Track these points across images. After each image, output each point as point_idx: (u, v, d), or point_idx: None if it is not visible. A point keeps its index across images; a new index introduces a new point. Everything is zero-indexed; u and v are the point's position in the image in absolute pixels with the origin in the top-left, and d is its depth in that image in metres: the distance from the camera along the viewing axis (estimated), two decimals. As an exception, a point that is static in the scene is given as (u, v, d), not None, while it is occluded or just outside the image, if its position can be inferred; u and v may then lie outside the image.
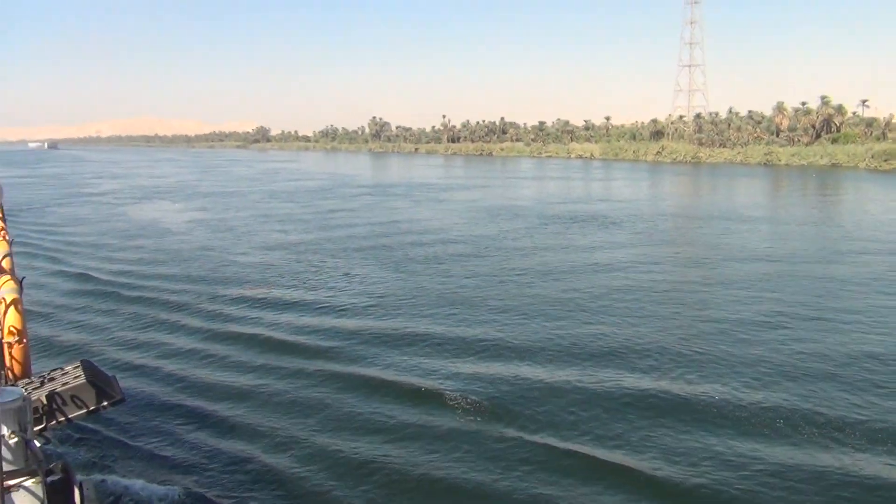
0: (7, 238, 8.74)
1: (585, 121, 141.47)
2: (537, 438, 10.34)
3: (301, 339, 15.27)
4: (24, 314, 6.60)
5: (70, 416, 6.49)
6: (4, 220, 9.81)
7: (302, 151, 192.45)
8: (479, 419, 11.01)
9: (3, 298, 6.47)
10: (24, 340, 6.63)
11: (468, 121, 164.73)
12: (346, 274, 22.32)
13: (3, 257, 7.73)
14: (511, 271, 22.49)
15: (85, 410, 6.65)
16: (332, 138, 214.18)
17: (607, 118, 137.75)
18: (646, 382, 12.38)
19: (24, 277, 7.40)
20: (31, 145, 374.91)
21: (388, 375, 12.92)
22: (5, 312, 4.42)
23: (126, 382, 10.33)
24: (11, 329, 4.37)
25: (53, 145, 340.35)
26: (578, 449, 9.99)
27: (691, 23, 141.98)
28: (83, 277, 22.52)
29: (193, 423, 11.19)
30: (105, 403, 6.84)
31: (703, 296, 19.01)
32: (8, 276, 6.83)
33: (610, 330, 15.62)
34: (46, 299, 19.39)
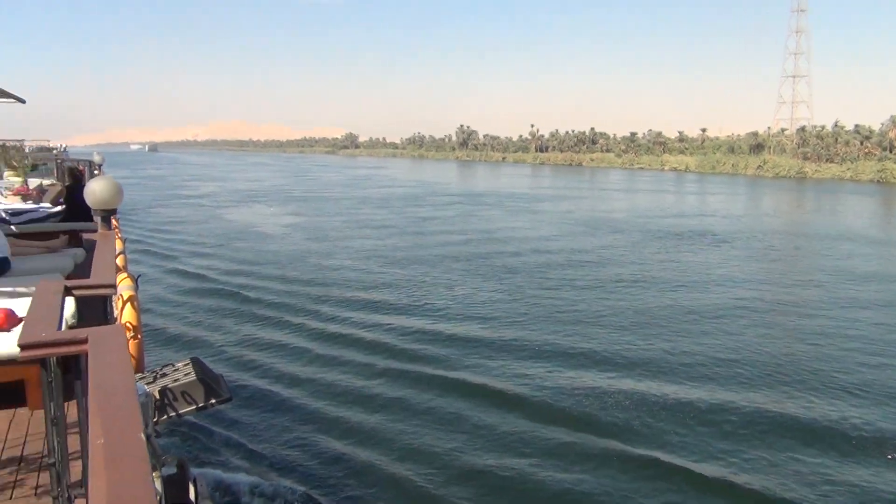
0: (121, 237, 8.84)
1: (679, 132, 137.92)
2: (643, 452, 10.20)
3: (399, 342, 15.45)
4: (140, 311, 6.56)
5: (180, 411, 6.54)
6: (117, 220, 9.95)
7: (389, 158, 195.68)
8: (579, 430, 10.97)
9: (121, 295, 6.44)
10: (139, 336, 6.60)
11: (556, 130, 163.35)
12: (444, 282, 22.22)
13: (118, 255, 7.81)
14: (613, 284, 21.92)
15: (194, 407, 6.84)
16: (419, 146, 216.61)
17: (703, 130, 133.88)
18: (757, 400, 12.09)
19: (139, 275, 7.35)
20: (133, 147, 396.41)
21: (488, 381, 12.97)
22: (122, 309, 4.28)
23: (229, 379, 10.48)
24: (128, 325, 4.27)
25: (154, 148, 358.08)
26: (692, 467, 9.76)
27: (797, 32, 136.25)
28: (188, 276, 23.29)
29: (296, 421, 11.41)
30: (213, 401, 6.94)
31: (821, 318, 18.03)
32: (125, 274, 6.82)
33: (720, 347, 15.14)
34: (154, 296, 19.83)
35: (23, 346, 2.24)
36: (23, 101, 9.89)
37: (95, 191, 4.78)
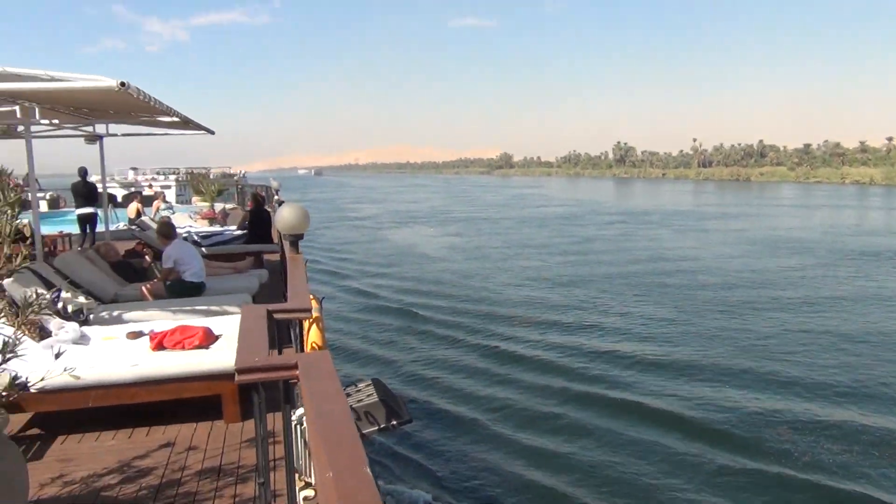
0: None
1: (861, 142, 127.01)
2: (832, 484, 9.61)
3: (571, 362, 15.21)
4: (325, 331, 6.79)
5: (364, 431, 6.60)
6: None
7: (544, 177, 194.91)
8: (758, 458, 10.49)
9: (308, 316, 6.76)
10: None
11: (721, 144, 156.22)
12: (613, 303, 21.52)
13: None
14: (804, 307, 20.25)
15: (376, 428, 6.82)
16: (574, 164, 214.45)
17: (889, 139, 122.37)
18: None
19: (323, 297, 7.70)
20: (300, 172, 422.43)
21: (663, 405, 12.59)
22: (309, 329, 4.46)
23: (406, 399, 10.73)
24: (314, 345, 4.46)
25: (319, 172, 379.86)
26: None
27: None
28: (358, 295, 23.96)
29: (472, 442, 11.38)
30: (395, 423, 6.94)
31: None
32: (311, 295, 7.10)
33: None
34: (327, 314, 20.55)
35: (239, 371, 2.33)
36: (212, 133, 10.67)
37: (285, 217, 5.03)
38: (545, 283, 25.27)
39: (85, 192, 15.02)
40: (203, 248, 11.74)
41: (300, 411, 3.00)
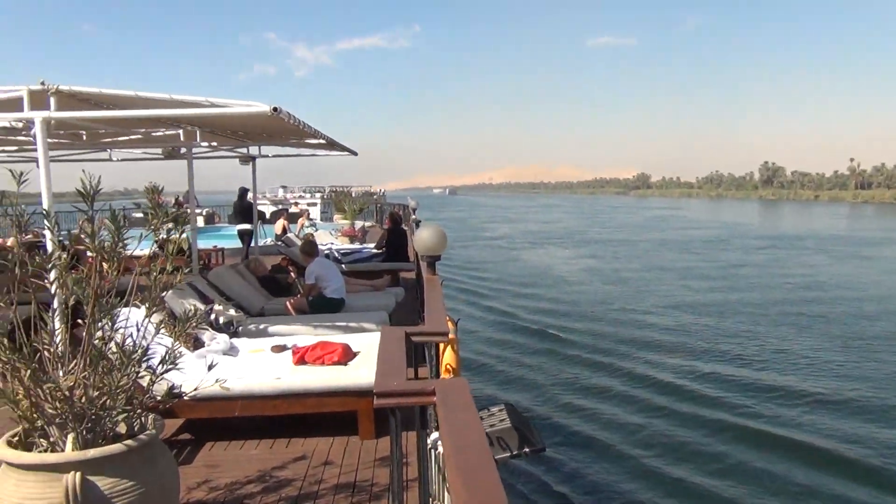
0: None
1: None
2: None
3: (721, 393, 14.50)
4: (459, 353, 6.78)
5: (495, 458, 6.46)
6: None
7: (684, 198, 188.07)
8: None
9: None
10: (449, 378, 6.81)
11: (882, 164, 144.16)
12: (769, 336, 20.06)
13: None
14: None
15: (508, 454, 6.66)
16: (716, 185, 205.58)
17: None
18: None
19: (459, 318, 7.71)
20: (435, 191, 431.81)
21: (832, 446, 11.74)
22: (443, 351, 4.45)
23: (540, 425, 10.48)
24: (448, 367, 4.47)
25: (453, 191, 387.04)
26: None
27: None
28: (490, 317, 23.80)
29: (610, 473, 11.01)
30: (527, 450, 6.75)
31: None
32: (447, 317, 7.13)
33: None
34: (462, 335, 20.36)
35: (378, 395, 2.34)
36: (355, 154, 11.02)
37: (423, 238, 5.08)
38: (690, 311, 24.00)
39: (244, 210, 16.22)
40: (343, 265, 12.15)
41: (435, 435, 2.99)
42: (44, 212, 4.53)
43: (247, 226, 16.11)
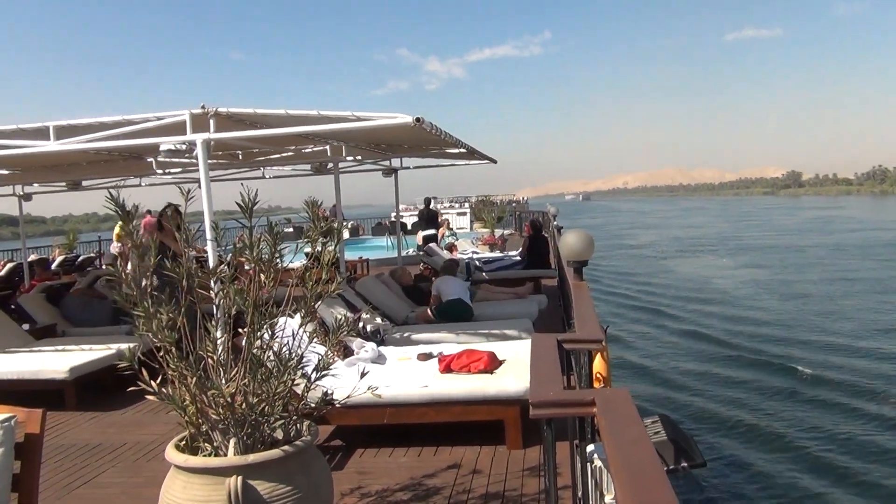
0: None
1: None
2: None
3: None
4: (609, 362, 6.56)
5: None
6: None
7: (843, 196, 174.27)
8: None
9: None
10: (608, 388, 6.64)
11: None
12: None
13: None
14: None
15: (665, 469, 6.26)
16: (880, 180, 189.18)
17: None
18: None
19: (608, 325, 7.41)
20: (568, 197, 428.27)
21: None
22: (593, 359, 4.27)
23: (699, 441, 9.75)
24: (598, 376, 4.29)
25: (587, 197, 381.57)
26: None
27: None
28: (640, 326, 22.91)
29: (779, 497, 10.19)
30: (685, 465, 6.35)
31: None
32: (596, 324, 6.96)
33: None
34: (616, 348, 19.35)
35: (534, 405, 2.24)
36: (494, 162, 11.04)
37: (570, 243, 4.92)
38: (881, 330, 20.39)
39: (428, 217, 18.49)
40: (484, 274, 12.15)
41: (590, 447, 2.85)
42: (212, 224, 4.81)
43: (431, 231, 18.01)
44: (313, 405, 3.43)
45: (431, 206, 18.89)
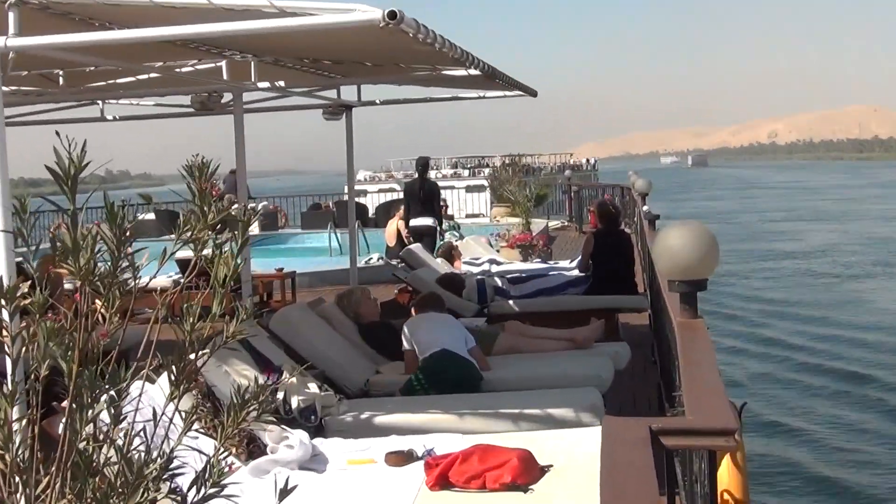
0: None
1: None
2: None
3: None
4: (746, 469, 6.76)
5: None
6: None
7: None
8: None
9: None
10: None
11: None
12: None
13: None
14: None
15: None
16: None
17: None
18: None
19: (745, 403, 7.54)
20: (665, 160, 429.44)
21: None
22: (719, 463, 4.37)
23: None
24: (727, 496, 4.44)
25: (700, 159, 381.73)
26: None
27: None
28: (806, 400, 23.75)
29: None
30: None
31: None
32: (728, 400, 7.43)
33: None
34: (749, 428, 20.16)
35: None
36: (533, 94, 11.14)
37: (673, 247, 4.83)
38: None
39: (422, 195, 17.77)
40: (511, 301, 12.14)
41: None
42: (11, 204, 4.78)
43: (428, 221, 17.55)
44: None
45: (429, 174, 18.15)
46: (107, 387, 3.09)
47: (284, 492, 3.52)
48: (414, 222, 17.89)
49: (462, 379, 8.04)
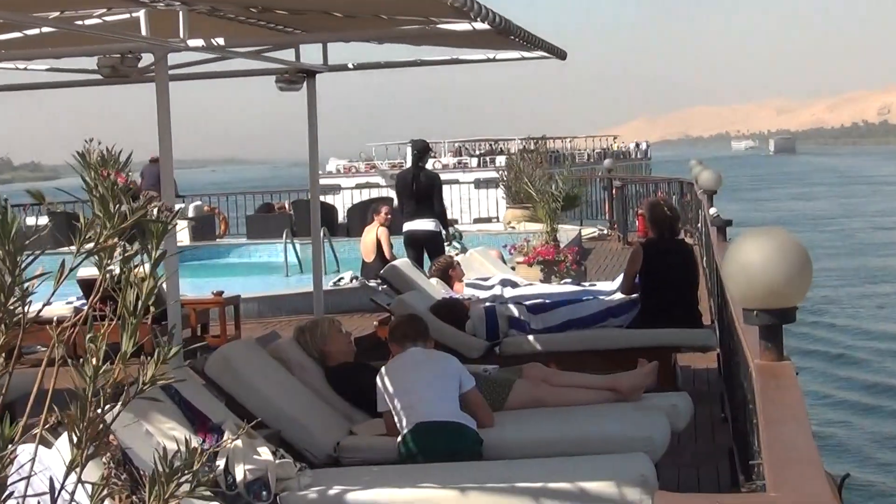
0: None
1: None
2: None
3: None
4: None
5: None
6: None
7: None
8: None
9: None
10: None
11: None
12: None
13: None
14: None
15: None
16: None
17: None
18: None
19: (847, 475, 7.61)
20: (738, 145, 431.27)
21: None
22: None
23: None
24: None
25: (785, 145, 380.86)
26: None
27: None
28: None
29: None
30: None
31: None
32: (824, 472, 7.91)
33: None
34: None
35: None
36: (562, 56, 11.26)
37: (751, 264, 4.88)
38: None
39: (417, 189, 18.02)
40: (531, 336, 12.18)
41: None
42: None
43: (423, 224, 17.71)
44: None
45: (428, 163, 18.01)
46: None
47: None
48: (409, 226, 17.98)
49: (455, 451, 8.03)
